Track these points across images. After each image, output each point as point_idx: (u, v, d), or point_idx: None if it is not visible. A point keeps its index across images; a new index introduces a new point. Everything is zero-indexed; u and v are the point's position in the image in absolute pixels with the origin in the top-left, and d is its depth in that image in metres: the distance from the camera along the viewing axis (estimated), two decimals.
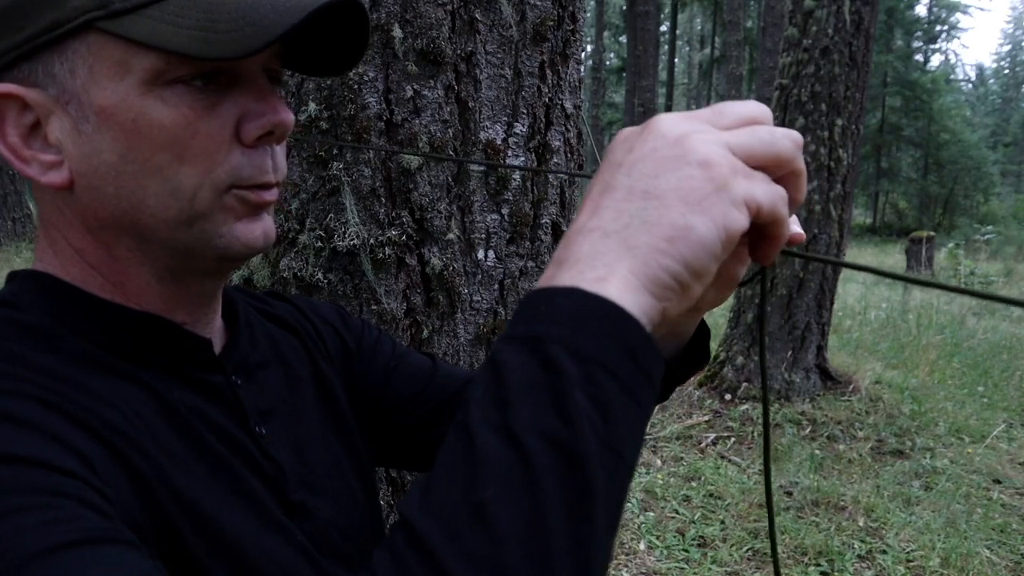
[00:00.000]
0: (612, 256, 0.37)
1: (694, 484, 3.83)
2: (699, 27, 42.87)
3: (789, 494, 3.73)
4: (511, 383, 0.35)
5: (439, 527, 0.33)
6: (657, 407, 4.89)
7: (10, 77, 0.52)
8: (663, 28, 27.45)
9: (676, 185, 0.37)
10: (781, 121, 5.20)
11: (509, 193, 1.16)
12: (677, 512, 3.53)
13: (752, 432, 4.55)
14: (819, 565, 3.07)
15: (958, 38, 48.38)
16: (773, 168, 0.42)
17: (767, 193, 0.41)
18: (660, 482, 3.84)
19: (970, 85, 55.66)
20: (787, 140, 0.42)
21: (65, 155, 0.52)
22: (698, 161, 0.38)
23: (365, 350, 0.78)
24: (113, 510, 0.43)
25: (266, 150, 0.55)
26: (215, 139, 0.52)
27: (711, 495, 3.71)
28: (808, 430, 4.59)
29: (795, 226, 0.50)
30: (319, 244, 1.10)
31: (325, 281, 1.11)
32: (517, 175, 1.17)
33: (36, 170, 0.52)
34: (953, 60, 52.71)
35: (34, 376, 0.47)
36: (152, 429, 0.51)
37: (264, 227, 0.56)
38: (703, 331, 0.66)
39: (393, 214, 1.10)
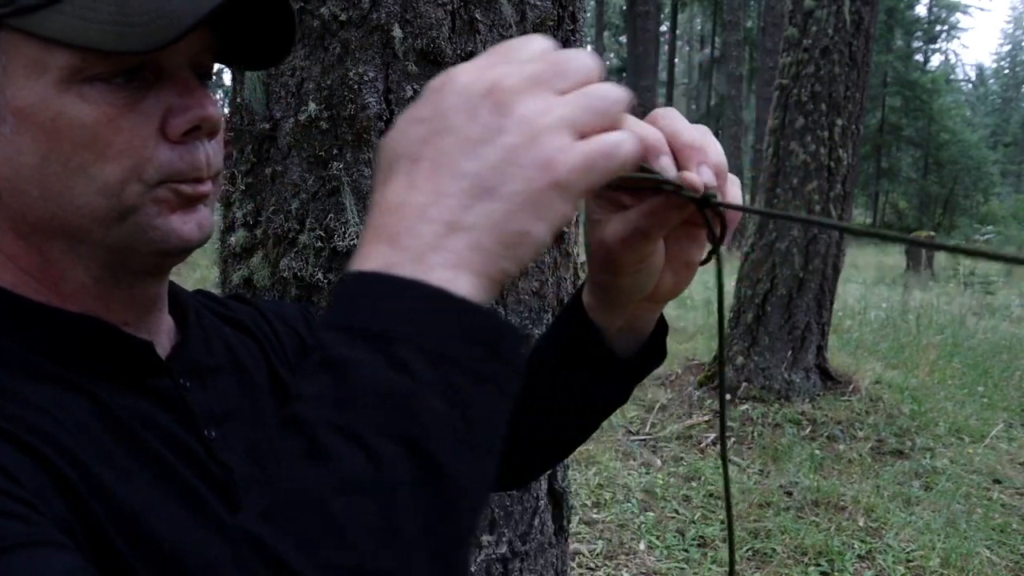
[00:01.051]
0: (458, 255, 0.35)
1: (694, 484, 3.83)
2: (699, 27, 42.87)
3: (789, 494, 3.73)
4: (358, 384, 0.33)
5: (290, 539, 0.31)
6: (657, 407, 4.90)
7: None
8: (663, 28, 27.45)
9: (523, 189, 0.36)
10: (781, 121, 5.21)
11: None
12: (677, 512, 3.53)
13: (752, 432, 4.55)
14: (819, 565, 3.07)
15: (958, 38, 48.44)
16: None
17: (607, 164, 0.38)
18: (660, 482, 3.84)
19: (970, 85, 55.66)
20: (621, 101, 0.39)
21: None
22: (543, 161, 0.36)
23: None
24: (39, 516, 0.41)
25: (196, 145, 0.53)
26: (139, 135, 0.51)
27: (711, 495, 3.71)
28: (808, 430, 4.59)
29: (705, 176, 0.47)
30: (319, 244, 1.11)
31: (325, 281, 1.11)
32: None
33: None
34: (953, 60, 52.70)
35: None
36: (93, 436, 0.49)
37: (199, 219, 0.55)
38: (662, 325, 0.64)
39: None
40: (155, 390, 0.57)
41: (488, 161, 0.36)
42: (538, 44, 0.40)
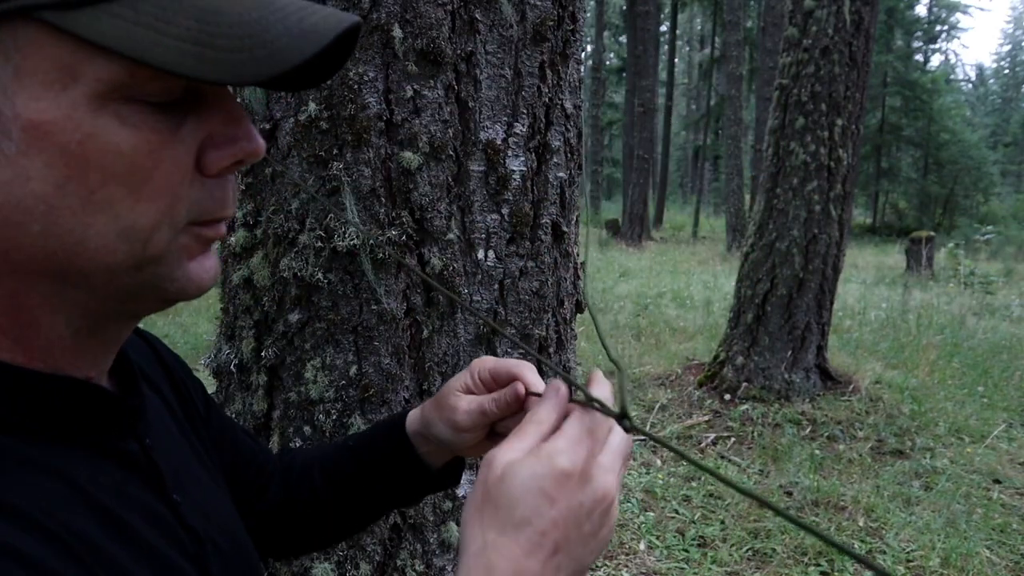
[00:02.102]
0: None
1: (694, 484, 3.83)
2: (699, 27, 42.87)
3: (789, 494, 3.73)
4: None
5: None
6: (657, 407, 4.90)
7: None
8: (663, 28, 27.44)
9: (596, 551, 0.52)
10: (781, 121, 5.21)
11: (509, 193, 1.16)
12: (677, 512, 3.53)
13: (752, 432, 4.55)
14: (819, 565, 3.07)
15: (958, 38, 48.40)
16: None
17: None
18: (660, 482, 3.84)
19: (970, 85, 55.65)
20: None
21: None
22: (612, 526, 0.53)
23: (213, 408, 0.75)
24: None
25: (228, 180, 0.47)
26: (179, 169, 0.43)
27: (711, 495, 3.71)
28: (808, 430, 4.59)
29: None
30: (319, 244, 1.11)
31: (325, 281, 1.11)
32: (517, 175, 1.17)
33: None
34: (953, 60, 52.70)
35: None
36: (66, 526, 0.42)
37: (213, 264, 0.49)
38: (457, 464, 0.81)
39: (393, 214, 1.10)
40: (122, 453, 0.50)
41: (593, 545, 0.51)
42: (618, 439, 0.56)
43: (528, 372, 0.70)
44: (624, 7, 28.72)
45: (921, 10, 29.36)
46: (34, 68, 0.38)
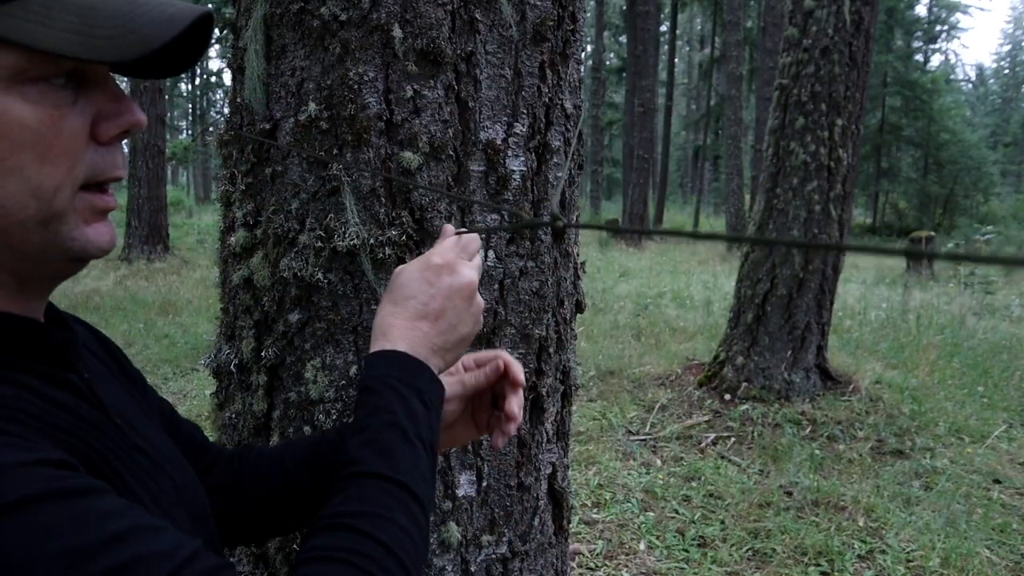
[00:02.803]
0: (438, 361, 0.73)
1: (694, 484, 3.83)
2: (699, 27, 42.87)
3: (789, 494, 3.73)
4: (417, 413, 0.68)
5: (412, 479, 0.64)
6: (657, 407, 4.90)
7: None
8: (663, 28, 27.44)
9: (470, 335, 0.76)
10: (781, 121, 5.21)
11: (509, 193, 1.16)
12: (677, 512, 3.53)
13: (752, 432, 4.55)
14: (819, 565, 3.07)
15: (958, 38, 48.41)
16: None
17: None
18: (660, 482, 3.84)
19: (970, 85, 55.65)
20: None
21: None
22: (476, 314, 0.77)
23: (151, 393, 0.82)
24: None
25: (118, 147, 0.58)
26: (77, 138, 0.53)
27: (711, 495, 3.71)
28: (808, 430, 4.59)
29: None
30: (319, 244, 1.11)
31: (325, 281, 1.11)
32: (517, 175, 1.17)
33: None
34: (953, 60, 52.71)
35: None
36: (46, 421, 0.53)
37: (110, 231, 0.59)
38: None
39: (393, 214, 1.10)
40: (69, 382, 0.60)
41: (462, 320, 0.74)
42: (475, 246, 0.81)
43: (508, 356, 0.87)
44: (624, 7, 28.72)
45: (921, 10, 29.36)
46: None
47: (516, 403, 0.83)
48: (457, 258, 0.75)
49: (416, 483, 0.61)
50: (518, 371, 0.84)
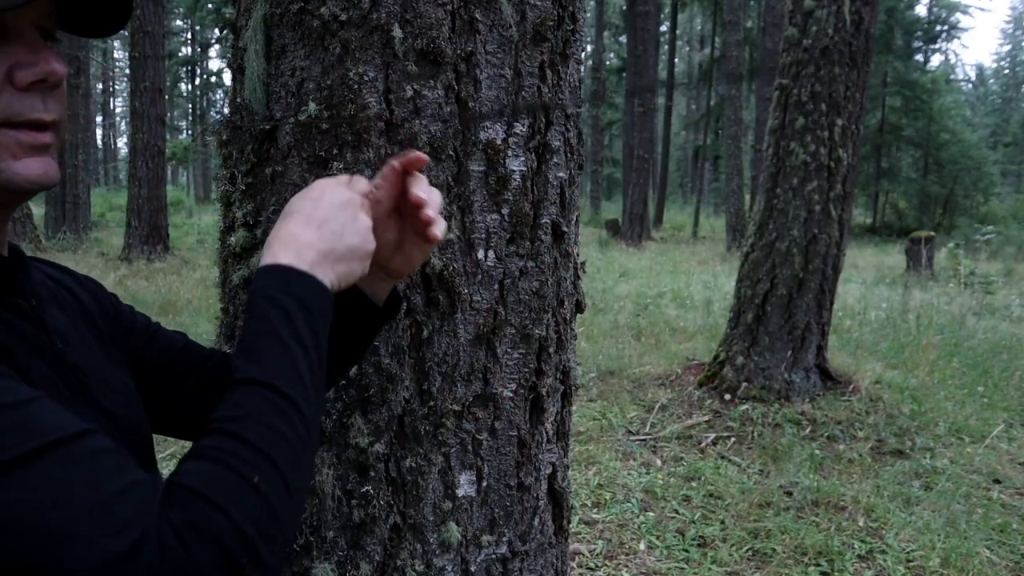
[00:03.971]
0: (326, 269, 0.72)
1: (694, 484, 3.83)
2: (699, 27, 42.86)
3: (789, 494, 3.73)
4: (295, 318, 0.68)
5: (285, 382, 0.65)
6: (657, 407, 4.90)
7: None
8: (663, 28, 27.43)
9: (359, 248, 0.76)
10: (781, 121, 5.21)
11: (509, 193, 1.16)
12: (677, 512, 3.53)
13: (752, 432, 4.55)
14: (819, 565, 3.07)
15: (958, 38, 48.36)
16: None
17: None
18: (660, 482, 3.84)
19: (970, 85, 55.63)
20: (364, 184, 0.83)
21: None
22: (370, 241, 0.77)
23: (124, 316, 0.90)
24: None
25: (37, 93, 0.64)
26: None
27: (711, 495, 3.71)
28: (808, 430, 4.59)
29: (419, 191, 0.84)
30: None
31: None
32: (517, 175, 1.17)
33: None
34: (953, 60, 52.72)
35: None
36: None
37: (44, 164, 0.65)
38: (395, 297, 0.95)
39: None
40: (16, 307, 0.69)
41: (345, 229, 0.75)
42: (362, 184, 0.82)
43: (408, 153, 0.84)
44: (624, 7, 28.70)
45: (921, 10, 29.34)
46: None
47: (416, 187, 0.82)
48: (340, 183, 0.78)
49: (288, 384, 0.63)
50: (410, 159, 0.82)
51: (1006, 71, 60.99)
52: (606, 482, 3.83)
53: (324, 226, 0.73)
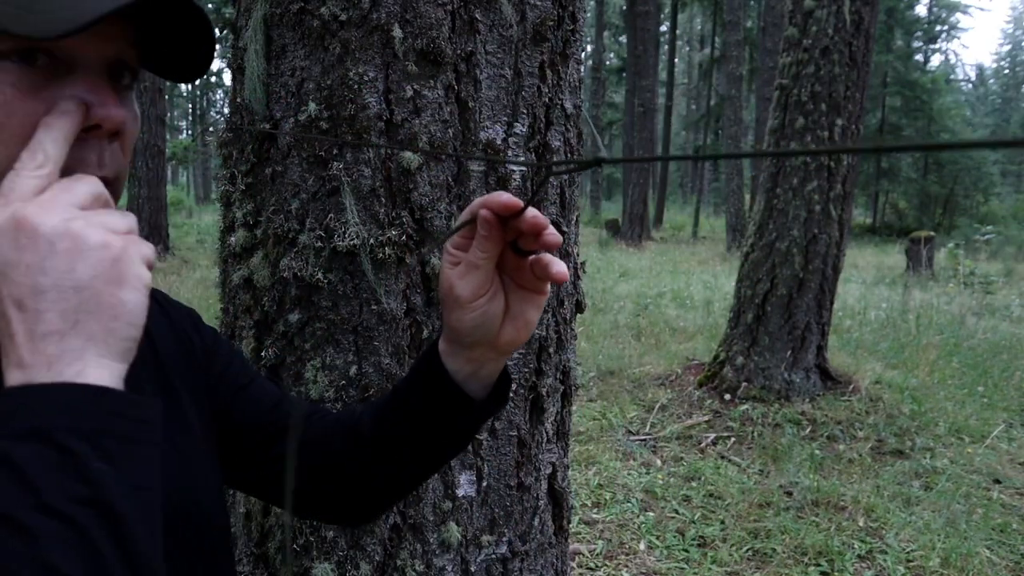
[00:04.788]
0: (78, 351, 0.44)
1: (694, 484, 3.83)
2: (699, 27, 42.86)
3: (789, 494, 3.73)
4: (34, 471, 0.40)
5: None
6: (657, 407, 4.90)
7: None
8: (663, 28, 27.42)
9: (94, 272, 0.45)
10: (781, 121, 5.20)
11: (509, 193, 1.16)
12: (677, 512, 3.53)
13: (752, 432, 4.54)
14: (819, 565, 3.07)
15: (958, 38, 48.36)
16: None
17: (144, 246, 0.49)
18: (660, 482, 3.84)
19: (970, 85, 55.62)
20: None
21: None
22: (97, 244, 0.46)
23: (220, 358, 0.77)
24: None
25: (93, 143, 0.53)
26: (33, 121, 0.50)
27: (711, 495, 3.71)
28: (808, 430, 4.59)
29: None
30: (319, 244, 1.10)
31: (325, 281, 1.11)
32: (517, 174, 1.17)
33: None
34: (953, 60, 52.71)
35: None
36: None
37: None
38: (506, 377, 0.73)
39: (393, 214, 1.10)
40: None
41: (58, 269, 0.44)
42: (83, 188, 0.49)
43: (493, 195, 0.63)
44: (624, 7, 28.70)
45: (921, 10, 29.35)
46: None
47: (533, 217, 0.61)
48: (42, 190, 0.49)
49: None
50: (503, 203, 0.62)
51: (1006, 71, 60.99)
52: (606, 482, 3.83)
53: (32, 296, 0.45)
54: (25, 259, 0.44)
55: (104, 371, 0.45)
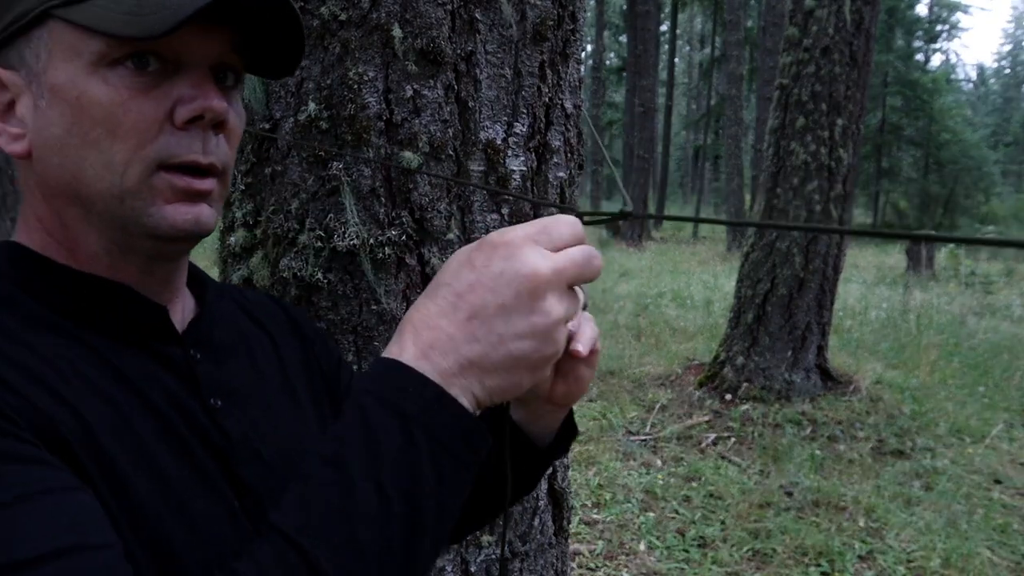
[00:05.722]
0: (470, 383, 0.50)
1: (694, 484, 3.83)
2: (699, 27, 42.85)
3: (789, 494, 3.73)
4: (384, 447, 0.48)
5: (324, 547, 0.45)
6: (657, 407, 4.90)
7: None
8: (663, 28, 27.42)
9: (531, 357, 0.51)
10: (781, 121, 5.20)
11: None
12: (677, 512, 3.53)
13: (752, 432, 4.54)
14: (819, 565, 3.07)
15: (959, 38, 48.39)
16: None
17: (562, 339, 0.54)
18: (660, 482, 3.83)
19: (971, 85, 55.61)
20: (597, 261, 0.55)
21: (27, 129, 0.58)
22: (555, 343, 0.52)
23: (344, 378, 0.81)
24: (52, 458, 0.48)
25: (198, 133, 0.58)
26: (146, 118, 0.56)
27: (711, 495, 3.71)
28: (808, 430, 4.59)
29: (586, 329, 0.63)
30: (319, 244, 1.10)
31: (325, 281, 1.11)
32: (517, 175, 1.17)
33: (3, 140, 0.59)
34: (954, 60, 52.72)
35: None
36: (89, 383, 0.55)
37: (197, 212, 0.59)
38: (569, 425, 0.75)
39: (393, 214, 1.10)
40: (163, 355, 0.62)
41: (514, 329, 0.50)
42: (569, 231, 0.54)
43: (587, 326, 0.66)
44: (624, 7, 28.70)
45: (922, 10, 29.35)
46: (57, 49, 0.57)
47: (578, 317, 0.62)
48: (527, 239, 0.52)
49: (321, 544, 0.45)
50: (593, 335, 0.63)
51: (1007, 71, 60.99)
52: (606, 482, 3.82)
53: (476, 318, 0.50)
54: (507, 303, 0.50)
55: (473, 407, 0.51)
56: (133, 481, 0.53)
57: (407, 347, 0.51)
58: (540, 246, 0.52)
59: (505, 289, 0.50)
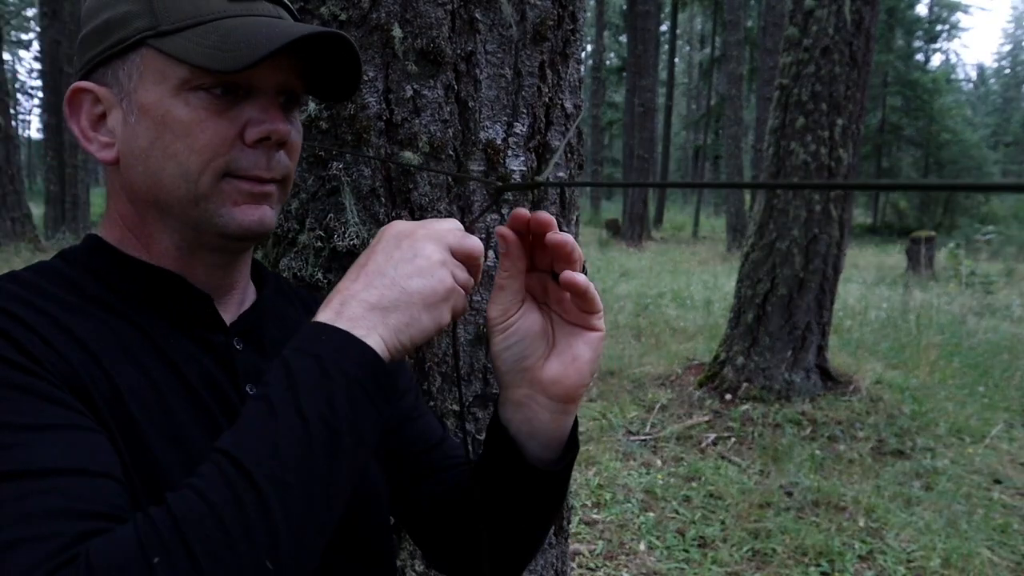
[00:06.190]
0: (373, 323, 0.60)
1: (694, 484, 3.83)
2: (699, 27, 42.85)
3: (789, 494, 3.73)
4: (303, 382, 0.56)
5: (254, 458, 0.53)
6: (657, 407, 4.90)
7: (90, 78, 0.69)
8: (663, 28, 27.42)
9: (421, 291, 0.62)
10: (781, 121, 5.20)
11: (509, 193, 1.16)
12: (677, 512, 3.53)
13: (752, 432, 4.54)
14: (819, 565, 3.07)
15: (959, 38, 48.40)
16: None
17: (462, 298, 0.65)
18: (660, 482, 3.83)
19: (971, 85, 55.62)
20: (472, 239, 0.67)
21: (116, 139, 0.69)
22: (440, 280, 0.62)
23: (400, 385, 0.85)
24: (71, 399, 0.57)
25: (263, 151, 0.68)
26: (220, 135, 0.66)
27: (711, 495, 3.71)
28: (808, 430, 4.59)
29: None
30: (319, 244, 1.10)
31: (325, 281, 1.11)
32: (518, 175, 1.17)
33: (95, 148, 0.70)
34: (954, 60, 52.71)
35: (41, 302, 0.62)
36: (135, 359, 0.64)
37: (261, 214, 0.69)
38: (574, 442, 0.76)
39: (393, 214, 1.10)
40: (207, 341, 0.70)
41: (403, 271, 0.62)
42: (450, 222, 0.67)
43: (512, 212, 0.71)
44: (624, 7, 28.70)
45: (922, 10, 29.36)
46: (147, 73, 0.67)
47: (562, 240, 0.67)
48: (408, 223, 0.67)
49: (254, 460, 0.52)
50: (539, 220, 0.68)
51: (1007, 71, 61.00)
52: (606, 482, 3.82)
53: (375, 272, 0.62)
54: (394, 255, 0.63)
55: (381, 347, 0.60)
56: (155, 445, 0.61)
57: (324, 311, 0.61)
58: (424, 223, 0.66)
59: (392, 248, 0.63)
